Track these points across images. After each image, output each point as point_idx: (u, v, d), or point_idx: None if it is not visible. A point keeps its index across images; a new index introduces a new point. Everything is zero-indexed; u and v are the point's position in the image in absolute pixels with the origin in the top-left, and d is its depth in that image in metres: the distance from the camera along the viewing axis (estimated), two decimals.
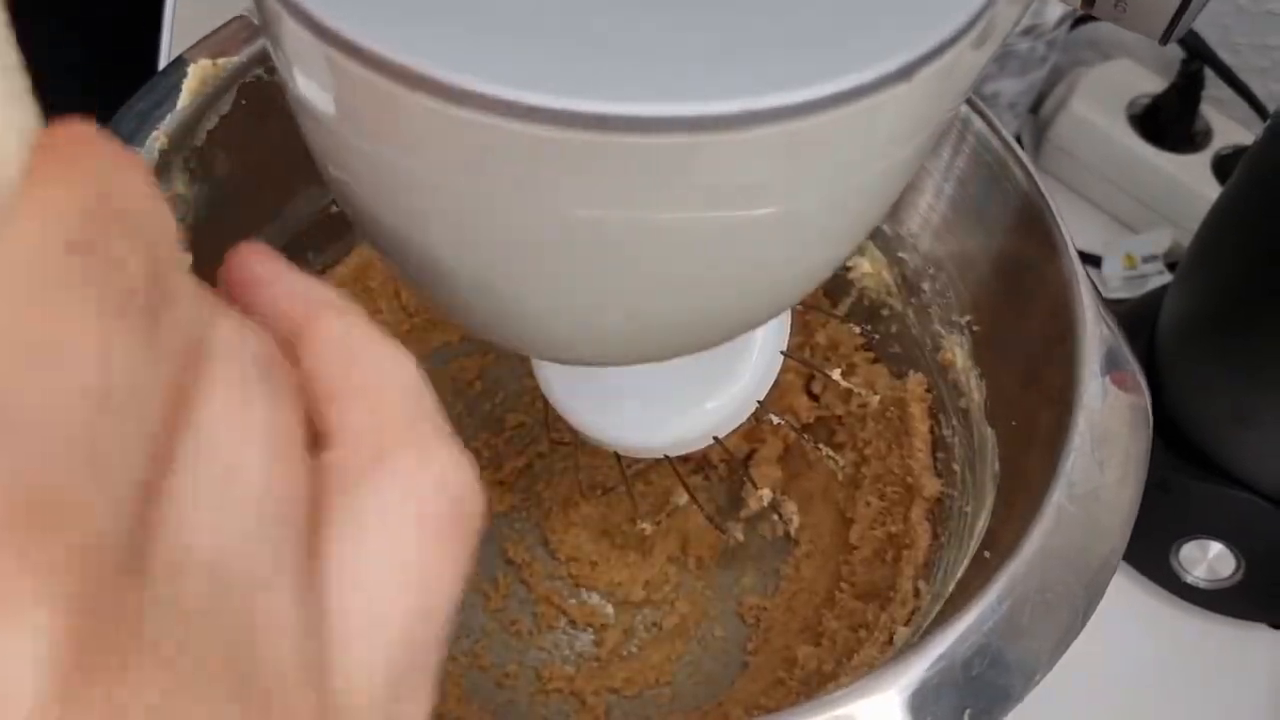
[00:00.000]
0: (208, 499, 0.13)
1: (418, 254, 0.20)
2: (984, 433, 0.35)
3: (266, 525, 0.14)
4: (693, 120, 0.16)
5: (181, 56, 0.33)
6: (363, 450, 0.15)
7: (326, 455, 0.15)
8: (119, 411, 0.12)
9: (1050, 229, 0.33)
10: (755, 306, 0.23)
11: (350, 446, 0.15)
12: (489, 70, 0.15)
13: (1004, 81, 0.52)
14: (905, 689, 0.25)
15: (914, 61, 0.17)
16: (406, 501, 0.15)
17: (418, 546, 0.15)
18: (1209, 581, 0.43)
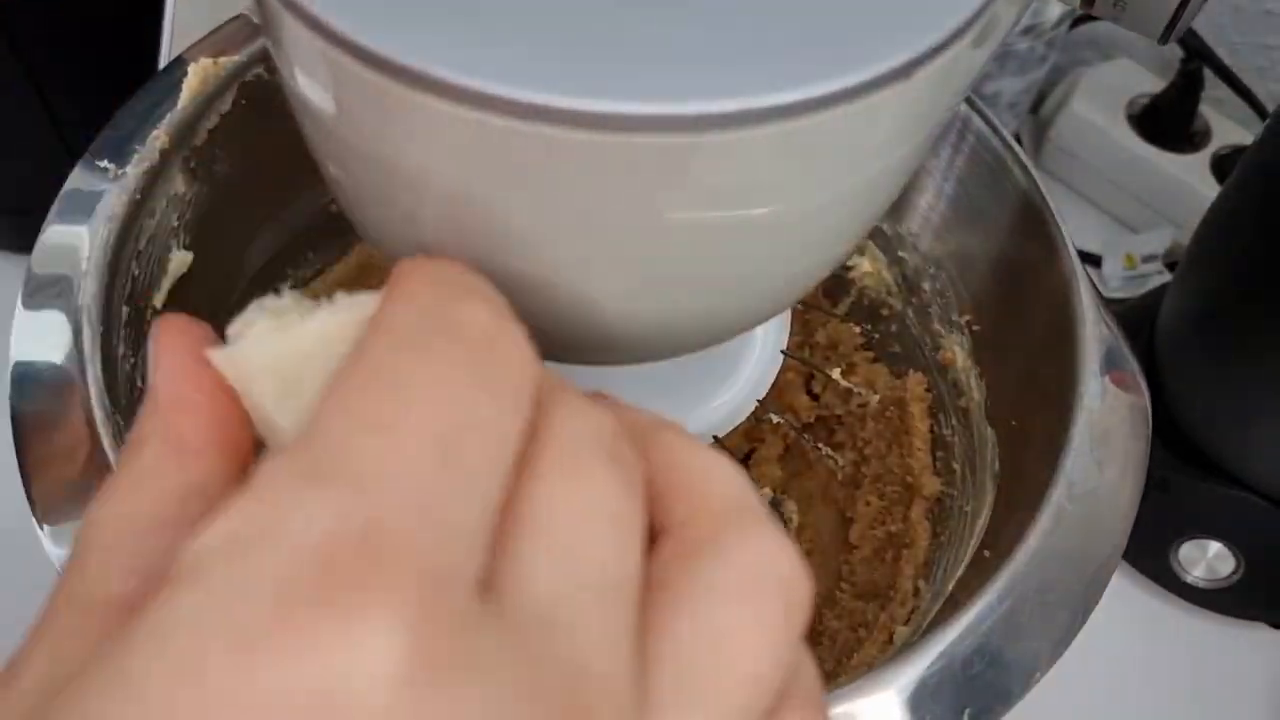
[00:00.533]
0: (550, 561, 0.14)
1: (417, 252, 0.20)
2: (984, 432, 0.35)
3: (604, 592, 0.14)
4: (691, 119, 0.16)
5: (182, 55, 0.33)
6: (695, 535, 0.16)
7: (661, 543, 0.16)
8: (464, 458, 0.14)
9: (1050, 229, 0.33)
10: (754, 306, 0.23)
11: (682, 535, 0.16)
12: (489, 69, 0.15)
13: (1004, 81, 0.52)
14: (905, 688, 0.25)
15: (913, 60, 0.17)
16: (731, 581, 0.16)
17: (740, 626, 0.15)
18: (1208, 581, 0.43)
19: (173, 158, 0.32)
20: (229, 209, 0.34)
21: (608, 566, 0.15)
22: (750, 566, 0.16)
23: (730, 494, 0.17)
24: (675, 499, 0.17)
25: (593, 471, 0.15)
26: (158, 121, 0.32)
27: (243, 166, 0.34)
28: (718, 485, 0.17)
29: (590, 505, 0.15)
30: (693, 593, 0.15)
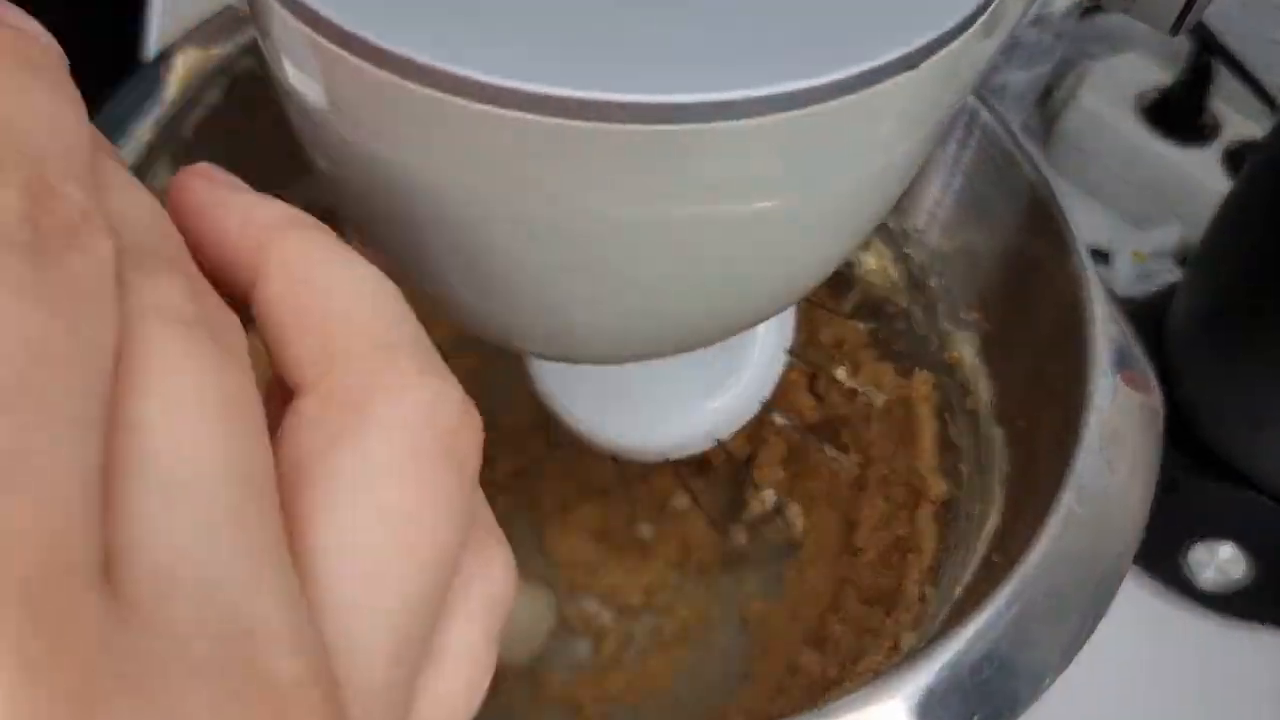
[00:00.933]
0: (166, 502, 0.11)
1: (409, 248, 0.20)
2: (992, 433, 0.35)
3: (237, 521, 0.12)
4: (693, 108, 0.15)
5: (169, 47, 0.33)
6: (334, 398, 0.14)
7: (295, 407, 0.14)
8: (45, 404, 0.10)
9: (1059, 224, 0.33)
10: (757, 302, 0.23)
11: (319, 395, 0.14)
12: (484, 58, 0.15)
13: (1011, 73, 0.52)
14: (911, 695, 0.25)
15: (920, 50, 0.17)
16: (389, 449, 0.13)
17: (409, 498, 0.13)
18: (1219, 584, 0.43)
19: (160, 152, 0.32)
20: None
21: (231, 478, 0.12)
22: (409, 433, 0.13)
23: (372, 325, 0.14)
24: (305, 334, 0.14)
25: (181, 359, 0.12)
26: (144, 115, 0.32)
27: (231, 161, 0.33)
28: (355, 313, 0.14)
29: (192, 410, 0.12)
30: (345, 482, 0.13)
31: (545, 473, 0.44)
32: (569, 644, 0.41)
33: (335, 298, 0.14)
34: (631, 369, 0.32)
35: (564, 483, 0.43)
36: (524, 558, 0.43)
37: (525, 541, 0.43)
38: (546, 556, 0.42)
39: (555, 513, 0.43)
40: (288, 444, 0.13)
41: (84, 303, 0.11)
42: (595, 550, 0.42)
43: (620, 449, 0.34)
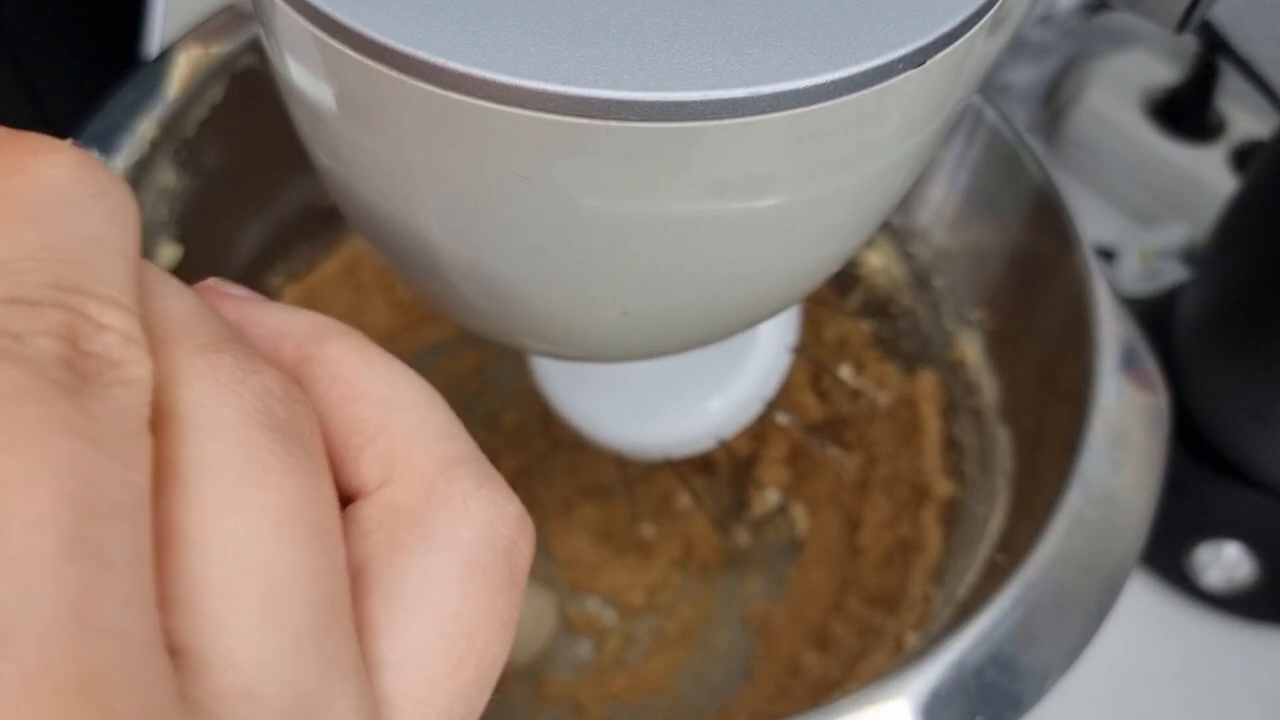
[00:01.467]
0: (244, 620, 0.12)
1: (412, 247, 0.20)
2: (997, 432, 0.35)
3: (320, 638, 0.12)
4: (698, 106, 0.15)
5: (172, 45, 0.33)
6: (397, 510, 0.14)
7: (355, 514, 0.14)
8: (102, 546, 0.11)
9: (1064, 223, 0.33)
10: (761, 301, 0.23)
11: (380, 504, 0.14)
12: (488, 55, 0.15)
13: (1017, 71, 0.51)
14: (915, 696, 0.25)
15: (926, 47, 0.16)
16: (450, 563, 0.14)
17: (470, 616, 0.14)
18: (1225, 584, 0.43)
19: (162, 149, 0.32)
20: (219, 202, 0.34)
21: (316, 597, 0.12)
22: (472, 545, 0.14)
23: (432, 438, 0.14)
24: (361, 445, 0.14)
25: (264, 474, 0.12)
26: (147, 113, 0.32)
27: (233, 158, 0.34)
28: (417, 426, 0.14)
29: (274, 526, 0.12)
30: (408, 595, 0.14)
31: (548, 472, 0.44)
32: (571, 644, 0.41)
33: (393, 410, 0.15)
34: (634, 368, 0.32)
35: (566, 482, 0.43)
36: None
37: None
38: (549, 556, 0.42)
39: (557, 512, 0.43)
40: (348, 549, 0.14)
41: (130, 434, 0.12)
42: (597, 550, 0.42)
43: (623, 448, 0.34)
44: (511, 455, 0.44)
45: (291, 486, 0.13)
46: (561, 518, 0.43)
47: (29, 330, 0.11)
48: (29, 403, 0.11)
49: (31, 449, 0.11)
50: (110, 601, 0.10)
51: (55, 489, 0.10)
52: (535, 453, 0.44)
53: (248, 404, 0.13)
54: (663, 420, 0.33)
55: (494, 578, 0.14)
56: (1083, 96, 0.55)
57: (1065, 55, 0.53)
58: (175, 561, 0.12)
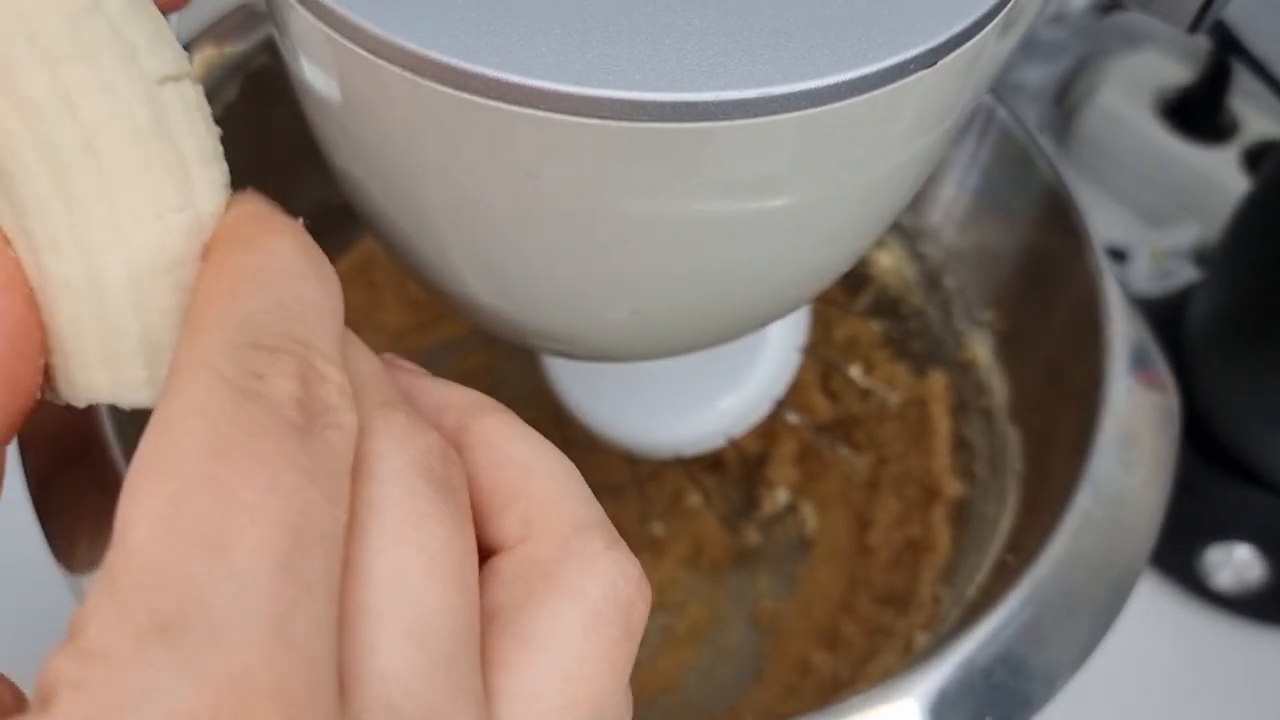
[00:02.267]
0: (394, 642, 0.13)
1: (424, 246, 0.20)
2: (1007, 433, 0.35)
3: (453, 667, 0.14)
4: (709, 106, 0.15)
5: (187, 45, 0.33)
6: (533, 563, 0.16)
7: (494, 565, 0.16)
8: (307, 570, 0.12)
9: (1075, 223, 0.33)
10: (771, 301, 0.23)
11: (518, 558, 0.16)
12: (501, 55, 0.15)
13: (1029, 71, 0.51)
14: (924, 696, 0.24)
15: (938, 47, 0.16)
16: (577, 613, 0.15)
17: (589, 661, 0.15)
18: (1235, 585, 0.43)
19: None
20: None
21: (454, 629, 0.14)
22: (597, 599, 0.15)
23: (568, 503, 0.16)
24: (505, 505, 0.16)
25: (421, 519, 0.14)
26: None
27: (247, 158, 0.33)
28: (555, 492, 0.16)
29: (427, 564, 0.14)
30: (540, 634, 0.15)
31: None
32: None
33: (536, 477, 0.16)
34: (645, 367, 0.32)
35: None
36: None
37: None
38: None
39: None
40: (485, 595, 0.15)
41: (339, 475, 0.14)
42: None
43: (633, 446, 0.34)
44: None
45: (443, 532, 0.14)
46: None
47: (270, 372, 0.14)
48: (266, 438, 0.13)
49: (264, 479, 0.13)
50: (306, 621, 0.12)
51: (278, 518, 0.12)
52: None
53: (414, 458, 0.15)
54: (673, 419, 0.33)
55: (614, 630, 0.15)
56: (1095, 96, 0.54)
57: (1077, 55, 0.53)
58: (349, 592, 0.14)
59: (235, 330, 0.14)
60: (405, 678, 0.13)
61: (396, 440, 0.15)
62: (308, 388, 0.14)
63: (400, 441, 0.15)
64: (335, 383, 0.14)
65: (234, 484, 0.12)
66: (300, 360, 0.14)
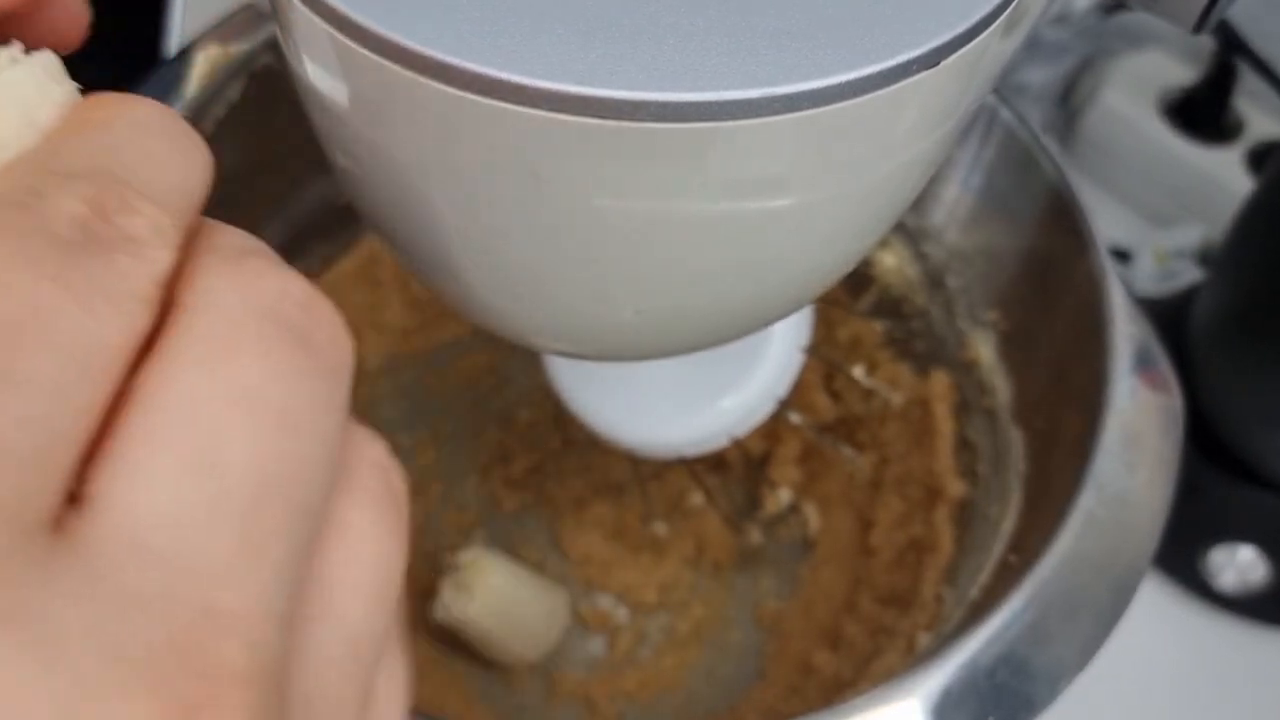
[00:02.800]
0: (158, 473, 0.12)
1: (427, 246, 0.20)
2: (1010, 433, 0.35)
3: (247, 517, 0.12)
4: (712, 106, 0.15)
5: (190, 44, 0.33)
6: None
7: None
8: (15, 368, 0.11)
9: (1079, 223, 0.32)
10: (774, 301, 0.23)
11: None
12: (503, 55, 0.15)
13: (1032, 71, 0.51)
14: (927, 696, 0.24)
15: (941, 48, 0.16)
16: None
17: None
18: (1239, 587, 0.43)
19: None
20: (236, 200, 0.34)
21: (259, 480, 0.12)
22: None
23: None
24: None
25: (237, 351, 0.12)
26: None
27: (251, 157, 0.34)
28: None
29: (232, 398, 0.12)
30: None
31: (561, 470, 0.44)
32: (583, 641, 0.41)
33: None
34: (648, 367, 0.32)
35: (579, 480, 0.43)
36: (538, 554, 0.43)
37: (540, 538, 0.43)
38: (561, 553, 0.42)
39: (570, 510, 0.43)
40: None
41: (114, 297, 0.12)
42: (610, 547, 0.42)
43: (636, 446, 0.33)
44: (525, 453, 0.44)
45: (267, 373, 0.12)
46: (574, 516, 0.43)
47: (53, 192, 0.12)
48: (9, 237, 0.11)
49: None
50: (4, 414, 0.11)
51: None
52: (549, 451, 0.44)
53: (255, 297, 0.13)
54: (676, 419, 0.33)
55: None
56: (1099, 97, 0.54)
57: (1081, 55, 0.53)
58: (123, 418, 0.12)
59: (39, 158, 0.13)
60: (167, 516, 0.11)
61: (238, 279, 0.13)
62: (99, 212, 0.12)
63: (242, 280, 0.13)
64: (147, 217, 0.13)
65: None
66: (100, 189, 0.13)
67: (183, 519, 0.11)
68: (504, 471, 0.43)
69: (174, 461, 0.12)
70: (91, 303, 0.12)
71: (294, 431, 0.12)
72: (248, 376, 0.12)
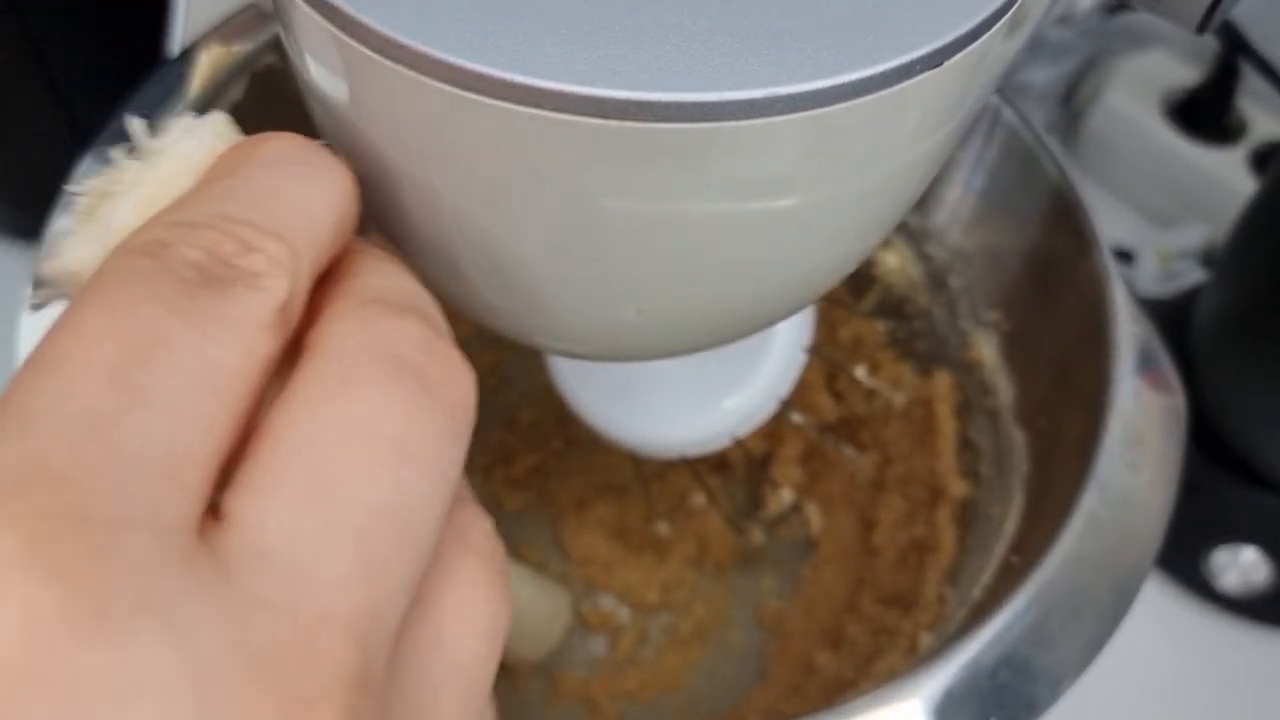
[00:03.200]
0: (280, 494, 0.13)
1: (429, 245, 0.20)
2: (1012, 433, 0.35)
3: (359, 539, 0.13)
4: (715, 107, 0.15)
5: (194, 44, 0.33)
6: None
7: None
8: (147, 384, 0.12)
9: (1081, 224, 0.32)
10: (777, 301, 0.22)
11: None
12: (506, 55, 0.15)
13: (1036, 71, 0.51)
14: (928, 697, 0.24)
15: (944, 48, 0.16)
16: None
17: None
18: (1242, 588, 0.43)
19: None
20: None
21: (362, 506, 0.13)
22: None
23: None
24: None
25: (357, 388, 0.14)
26: (169, 111, 0.32)
27: None
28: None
29: (350, 431, 0.13)
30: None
31: (563, 469, 0.44)
32: (585, 641, 0.41)
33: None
34: (650, 367, 0.32)
35: (581, 480, 0.43)
36: (540, 554, 0.43)
37: (542, 538, 0.43)
38: (563, 553, 0.42)
39: (572, 509, 0.43)
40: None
41: (234, 324, 0.13)
42: (612, 547, 0.42)
43: (638, 446, 0.33)
44: (527, 453, 0.44)
45: (381, 407, 0.14)
46: (576, 515, 0.43)
47: (177, 241, 0.13)
48: (136, 280, 0.13)
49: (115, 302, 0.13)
50: (134, 429, 0.12)
51: (114, 333, 0.12)
52: (551, 451, 0.44)
53: (374, 339, 0.14)
54: (678, 419, 0.33)
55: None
56: (1102, 97, 0.54)
57: (1084, 55, 0.53)
58: (254, 448, 0.13)
59: (169, 211, 0.14)
60: (284, 528, 0.13)
61: (361, 323, 0.14)
62: (217, 256, 0.14)
63: (365, 324, 0.14)
64: (268, 254, 0.14)
65: (83, 310, 0.13)
66: (220, 235, 0.14)
67: (301, 537, 0.13)
68: (506, 471, 0.43)
69: (295, 487, 0.13)
70: (210, 330, 0.13)
71: (409, 461, 0.14)
72: (362, 410, 0.14)
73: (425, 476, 0.14)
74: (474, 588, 0.15)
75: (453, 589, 0.15)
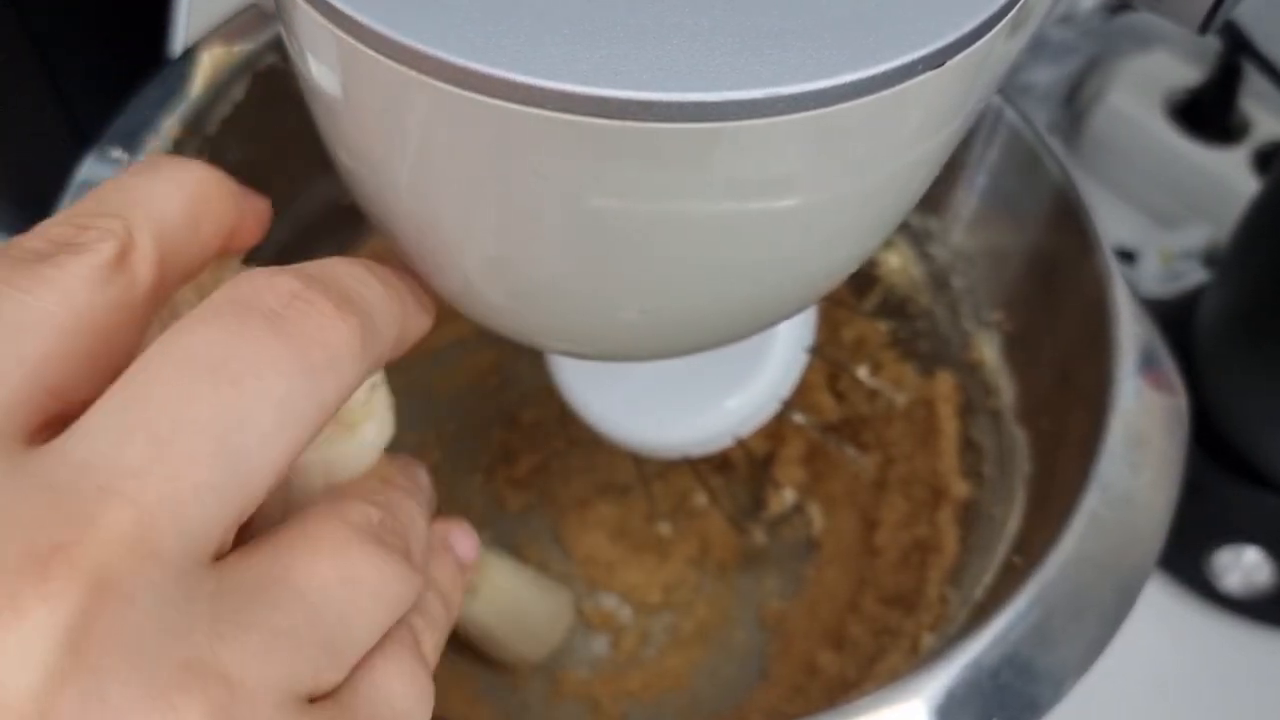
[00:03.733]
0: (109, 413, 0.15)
1: (431, 245, 0.20)
2: (1014, 434, 0.35)
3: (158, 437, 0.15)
4: (717, 107, 0.15)
5: (196, 44, 0.33)
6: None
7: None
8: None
9: (1084, 224, 0.32)
10: (778, 301, 0.23)
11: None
12: (508, 55, 0.15)
13: (1038, 72, 0.51)
14: (931, 697, 0.24)
15: (946, 48, 0.16)
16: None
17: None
18: (1244, 588, 0.43)
19: (185, 147, 0.32)
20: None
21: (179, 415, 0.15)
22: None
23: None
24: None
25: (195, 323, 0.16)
26: (171, 111, 0.32)
27: (255, 156, 0.34)
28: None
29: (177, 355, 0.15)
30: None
31: (565, 469, 0.44)
32: (587, 641, 0.41)
33: None
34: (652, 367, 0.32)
35: (584, 480, 0.43)
36: (542, 554, 0.43)
37: (544, 537, 0.43)
38: (565, 553, 0.42)
39: (574, 509, 0.43)
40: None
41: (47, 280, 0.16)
42: (614, 547, 0.42)
43: (640, 446, 0.33)
44: (529, 453, 0.44)
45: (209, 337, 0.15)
46: (578, 515, 0.43)
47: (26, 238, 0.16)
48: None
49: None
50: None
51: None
52: (553, 450, 0.44)
53: (236, 290, 0.16)
54: (680, 419, 0.33)
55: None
56: (1104, 97, 0.54)
57: (1087, 55, 0.53)
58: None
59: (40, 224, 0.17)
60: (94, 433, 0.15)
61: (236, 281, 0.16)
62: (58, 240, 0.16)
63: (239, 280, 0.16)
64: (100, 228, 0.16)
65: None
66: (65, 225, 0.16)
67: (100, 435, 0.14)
68: (508, 471, 0.43)
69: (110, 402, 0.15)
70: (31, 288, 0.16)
71: (229, 382, 0.15)
72: (189, 339, 0.15)
73: (247, 399, 0.15)
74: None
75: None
